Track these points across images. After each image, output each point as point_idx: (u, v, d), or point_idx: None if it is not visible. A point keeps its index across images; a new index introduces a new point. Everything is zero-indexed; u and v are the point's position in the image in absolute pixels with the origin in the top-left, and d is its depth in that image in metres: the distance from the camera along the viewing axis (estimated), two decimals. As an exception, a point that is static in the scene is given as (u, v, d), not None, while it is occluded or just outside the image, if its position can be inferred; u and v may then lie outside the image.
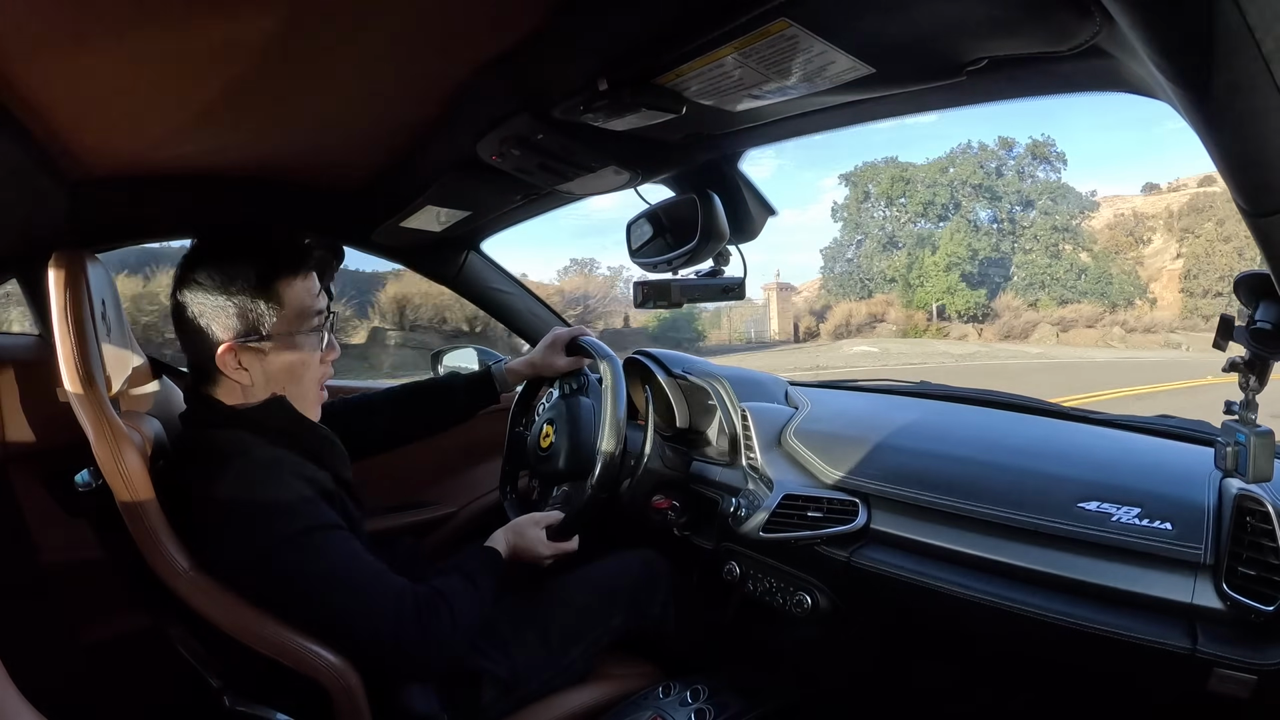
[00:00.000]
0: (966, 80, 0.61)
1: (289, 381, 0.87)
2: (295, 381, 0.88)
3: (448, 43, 0.68)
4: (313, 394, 0.91)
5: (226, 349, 0.82)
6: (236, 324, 0.82)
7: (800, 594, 1.04)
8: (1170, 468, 0.87)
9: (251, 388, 0.86)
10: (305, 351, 0.88)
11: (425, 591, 0.83)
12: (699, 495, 1.24)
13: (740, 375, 1.34)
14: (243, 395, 0.86)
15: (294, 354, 0.86)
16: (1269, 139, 0.38)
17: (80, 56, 0.64)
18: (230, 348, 0.82)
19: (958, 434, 1.09)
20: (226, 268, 0.83)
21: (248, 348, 0.83)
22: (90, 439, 0.77)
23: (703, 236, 0.97)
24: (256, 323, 0.83)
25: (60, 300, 0.80)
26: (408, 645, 0.79)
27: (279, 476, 0.79)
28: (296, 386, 0.88)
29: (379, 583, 0.80)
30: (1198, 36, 0.35)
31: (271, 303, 0.84)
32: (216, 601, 0.76)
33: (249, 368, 0.84)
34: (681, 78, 0.64)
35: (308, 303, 0.87)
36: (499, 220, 1.36)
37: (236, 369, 0.84)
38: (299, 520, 0.77)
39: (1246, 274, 0.63)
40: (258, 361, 0.85)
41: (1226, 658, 0.68)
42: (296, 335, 0.86)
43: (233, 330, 0.82)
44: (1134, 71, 0.50)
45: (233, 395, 0.86)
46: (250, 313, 0.83)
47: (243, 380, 0.85)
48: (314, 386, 0.91)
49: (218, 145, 0.95)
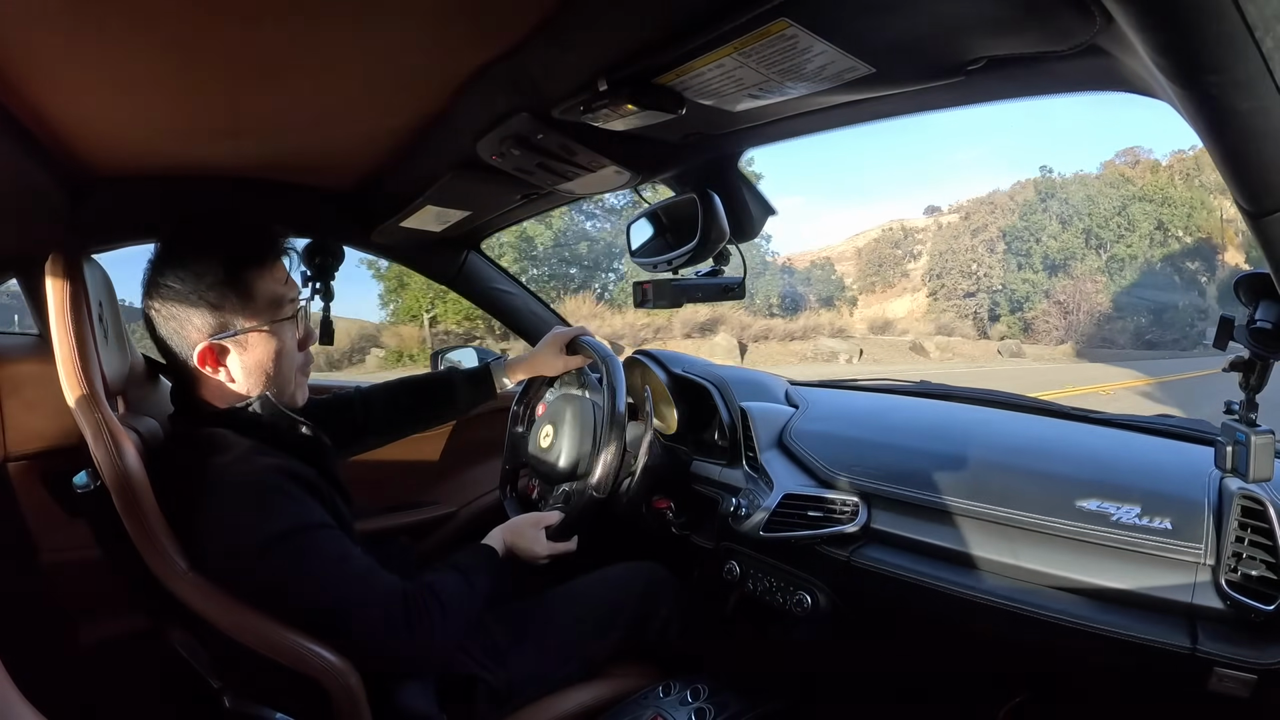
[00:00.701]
0: (966, 80, 0.61)
1: (270, 372, 0.87)
2: (276, 371, 0.87)
3: (448, 42, 0.68)
4: (294, 380, 0.91)
5: (204, 349, 0.82)
6: (210, 322, 0.82)
7: (800, 593, 1.04)
8: (1170, 467, 0.87)
9: (234, 384, 0.85)
10: (282, 340, 0.87)
11: (415, 588, 0.82)
12: (699, 495, 1.25)
13: (740, 375, 1.34)
14: (227, 394, 0.86)
15: (270, 344, 0.86)
16: (1269, 138, 0.38)
17: (81, 58, 0.64)
18: (208, 347, 0.82)
19: (958, 433, 1.09)
20: (192, 267, 0.82)
21: (224, 344, 0.83)
22: (88, 440, 0.77)
23: (703, 236, 0.97)
24: (230, 318, 0.83)
25: (57, 302, 0.80)
26: (398, 643, 0.78)
27: (263, 477, 0.78)
28: (278, 376, 0.88)
29: (368, 581, 0.79)
30: (1197, 35, 0.35)
31: (242, 296, 0.83)
32: (215, 602, 0.76)
33: (228, 364, 0.84)
34: (681, 78, 0.64)
35: (278, 291, 0.86)
36: (499, 220, 1.36)
37: (216, 367, 0.83)
38: (284, 521, 0.76)
39: (1246, 274, 0.63)
40: (236, 356, 0.84)
41: (1226, 657, 0.68)
42: (271, 325, 0.85)
43: (207, 329, 0.82)
44: (1133, 70, 0.50)
45: (217, 394, 0.86)
46: (222, 309, 0.82)
47: (223, 378, 0.84)
48: (294, 373, 0.91)
49: (217, 146, 0.95)
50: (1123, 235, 26.53)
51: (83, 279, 0.83)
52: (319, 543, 0.78)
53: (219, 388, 0.86)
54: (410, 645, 0.79)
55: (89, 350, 0.81)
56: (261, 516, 0.76)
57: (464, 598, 0.86)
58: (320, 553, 0.78)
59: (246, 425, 0.84)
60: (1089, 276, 25.86)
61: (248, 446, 0.81)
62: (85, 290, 0.83)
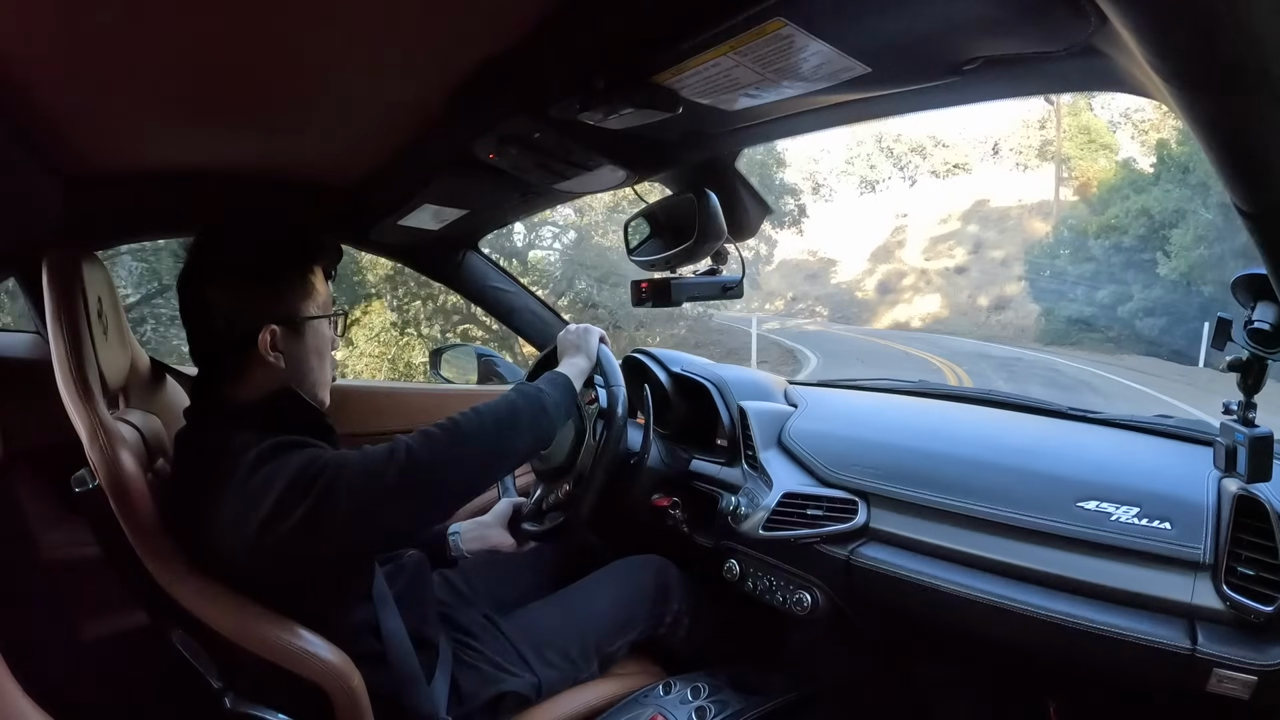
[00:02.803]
0: (962, 79, 0.61)
1: (316, 364, 0.89)
2: (321, 366, 0.90)
3: (445, 41, 0.68)
4: (329, 376, 0.93)
5: (271, 329, 0.83)
6: (278, 304, 0.85)
7: (800, 592, 1.04)
8: (1169, 467, 0.87)
9: (283, 372, 0.85)
10: (328, 338, 0.91)
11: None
12: (699, 494, 1.25)
13: (740, 374, 1.34)
14: (252, 390, 0.85)
15: (322, 338, 0.90)
16: (1265, 138, 0.38)
17: (78, 54, 0.64)
18: (271, 328, 0.83)
19: (957, 433, 1.09)
20: (270, 251, 0.86)
21: (286, 329, 0.84)
22: (83, 439, 0.77)
23: (700, 235, 0.97)
24: (297, 304, 0.86)
25: (54, 300, 0.80)
26: (414, 478, 0.77)
27: (281, 453, 0.76)
28: (321, 371, 0.91)
29: (379, 459, 0.77)
30: (1193, 36, 0.35)
31: (308, 286, 0.87)
32: (215, 604, 0.76)
33: (284, 349, 0.85)
34: (678, 77, 0.64)
35: (328, 292, 0.92)
36: (496, 218, 1.36)
37: (273, 350, 0.84)
38: (307, 473, 0.74)
39: (1244, 274, 0.63)
40: (292, 343, 0.86)
41: (1226, 658, 0.68)
42: (324, 320, 0.90)
43: (274, 313, 0.84)
44: (1129, 71, 0.50)
45: (244, 390, 0.85)
46: (291, 293, 0.86)
47: (278, 362, 0.84)
48: (330, 370, 0.93)
49: (215, 143, 0.95)
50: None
51: (80, 277, 0.83)
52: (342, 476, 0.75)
53: (251, 382, 0.85)
54: (427, 469, 0.77)
55: (86, 349, 0.80)
56: (277, 468, 0.74)
57: (486, 423, 0.85)
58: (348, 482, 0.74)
59: (267, 422, 0.82)
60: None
61: (266, 438, 0.79)
62: (83, 288, 0.83)
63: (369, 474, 0.75)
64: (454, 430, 0.82)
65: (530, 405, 0.89)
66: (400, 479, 0.76)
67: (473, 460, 0.83)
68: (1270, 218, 0.43)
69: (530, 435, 0.89)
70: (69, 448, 0.87)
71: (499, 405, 0.87)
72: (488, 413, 0.85)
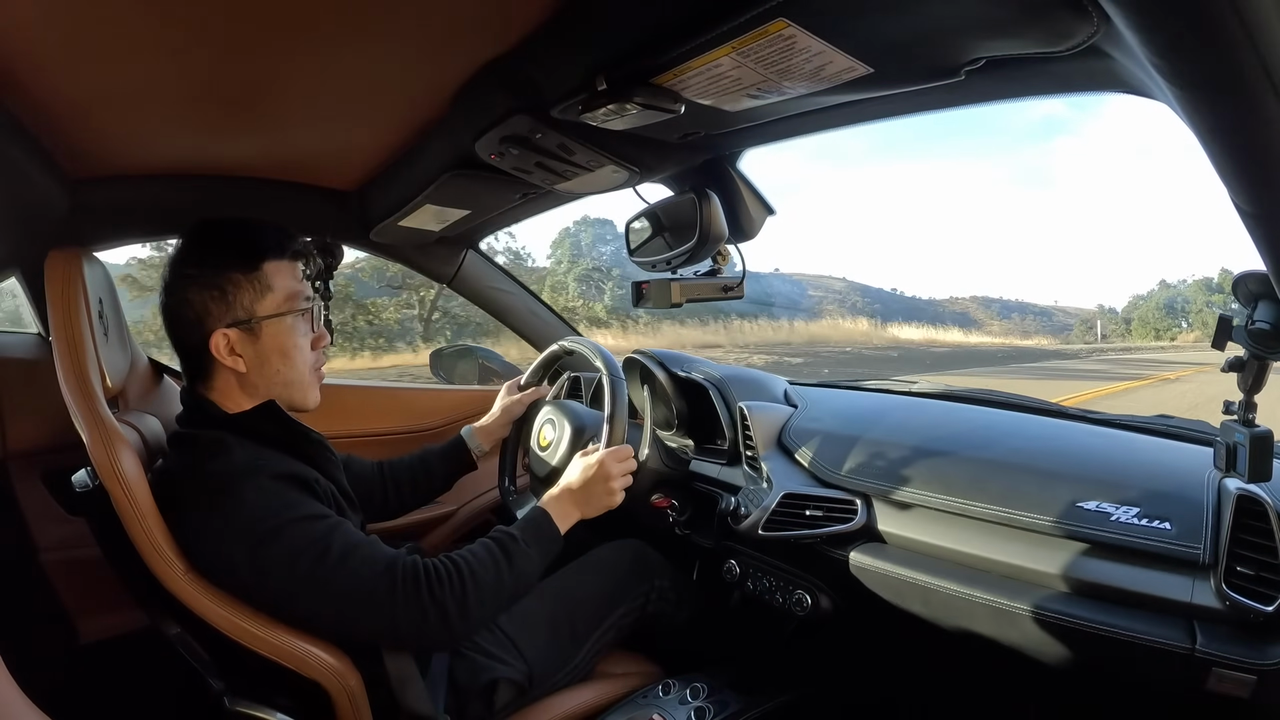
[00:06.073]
0: (964, 80, 0.61)
1: (282, 364, 0.87)
2: (289, 365, 0.88)
3: (447, 42, 0.68)
4: (307, 377, 0.91)
5: (219, 334, 0.83)
6: (228, 307, 0.83)
7: (800, 593, 1.04)
8: (1169, 467, 0.87)
9: (246, 374, 0.86)
10: (296, 335, 0.88)
11: (432, 561, 0.82)
12: (698, 494, 1.24)
13: (740, 374, 1.34)
14: (236, 396, 0.87)
15: (283, 336, 0.87)
16: (1265, 138, 0.38)
17: (81, 56, 0.64)
18: (223, 332, 0.83)
19: (957, 433, 1.09)
20: (214, 254, 0.84)
21: (240, 331, 0.84)
22: (84, 439, 0.77)
23: (701, 236, 0.97)
24: (249, 305, 0.84)
25: (55, 299, 0.80)
26: (406, 619, 0.78)
27: (255, 477, 0.78)
28: (291, 371, 0.88)
29: (366, 555, 0.79)
30: (1195, 37, 0.35)
31: (260, 284, 0.85)
32: (215, 603, 0.76)
33: (242, 352, 0.85)
34: (680, 77, 0.64)
35: (294, 286, 0.88)
36: (497, 219, 1.36)
37: (230, 354, 0.84)
38: (274, 518, 0.76)
39: (1245, 274, 0.62)
40: (250, 345, 0.85)
41: (1226, 657, 0.68)
42: (286, 317, 0.87)
43: (224, 314, 0.83)
44: (1132, 72, 0.50)
45: (227, 398, 0.87)
46: (240, 295, 0.84)
47: (237, 366, 0.85)
48: (307, 371, 0.91)
49: (217, 144, 0.95)
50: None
51: (82, 277, 0.83)
52: (307, 532, 0.77)
53: (228, 388, 0.86)
54: (420, 621, 0.78)
55: (87, 348, 0.80)
56: (252, 516, 0.76)
57: (493, 568, 0.85)
58: (312, 539, 0.77)
59: (250, 431, 0.84)
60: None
61: (244, 447, 0.82)
62: (85, 288, 0.83)
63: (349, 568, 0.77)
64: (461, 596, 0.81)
65: (516, 576, 0.88)
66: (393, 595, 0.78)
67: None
68: (1270, 218, 0.44)
69: (508, 599, 0.88)
70: (68, 448, 0.87)
71: (494, 578, 0.85)
72: (487, 586, 0.84)
